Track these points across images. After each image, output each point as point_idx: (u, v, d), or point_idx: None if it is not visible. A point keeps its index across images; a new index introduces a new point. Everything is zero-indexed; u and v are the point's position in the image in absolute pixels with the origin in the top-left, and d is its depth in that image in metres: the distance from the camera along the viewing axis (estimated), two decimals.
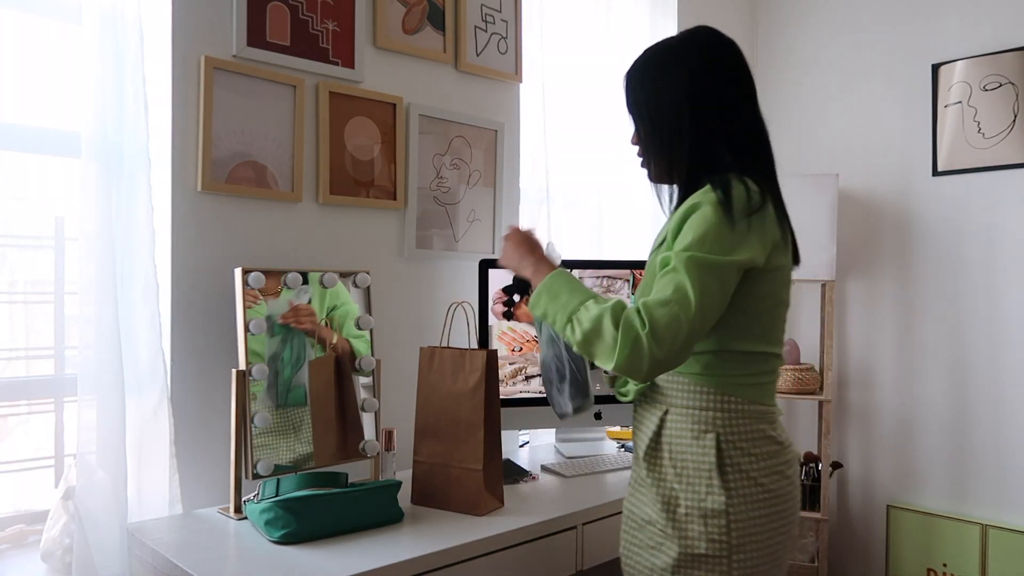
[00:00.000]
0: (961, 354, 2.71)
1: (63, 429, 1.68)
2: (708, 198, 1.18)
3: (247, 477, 1.57)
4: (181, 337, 1.66)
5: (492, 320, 2.03)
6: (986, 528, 2.60)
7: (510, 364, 2.07)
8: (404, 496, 1.65)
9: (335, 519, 1.47)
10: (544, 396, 2.09)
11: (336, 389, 1.73)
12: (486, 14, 2.21)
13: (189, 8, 1.66)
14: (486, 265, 2.03)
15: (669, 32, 2.74)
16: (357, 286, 1.79)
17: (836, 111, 3.03)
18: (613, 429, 2.36)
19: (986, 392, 2.66)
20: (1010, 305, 2.60)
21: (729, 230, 1.15)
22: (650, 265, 1.28)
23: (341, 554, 1.37)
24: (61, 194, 1.69)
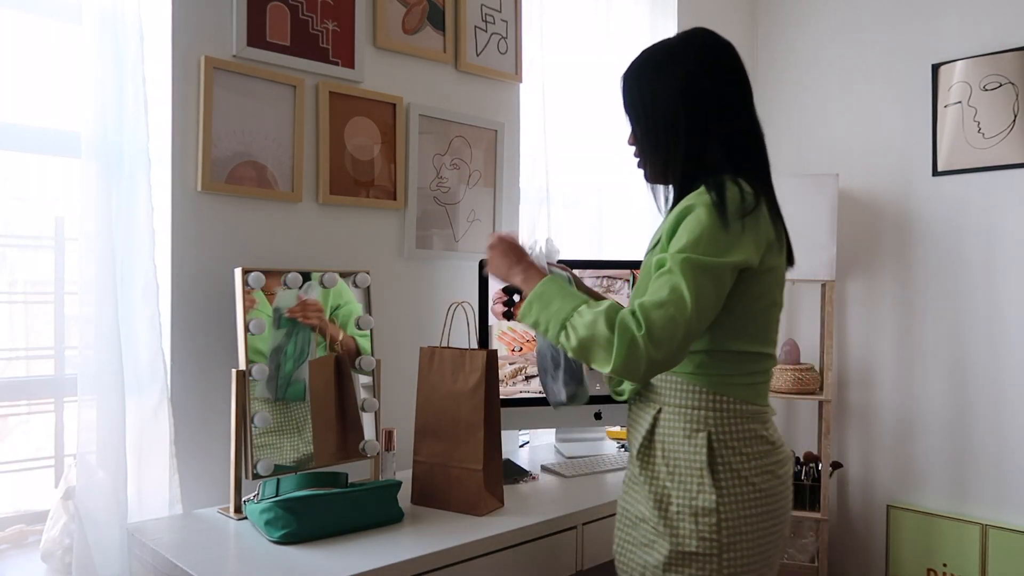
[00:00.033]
0: (961, 354, 2.71)
1: (63, 429, 1.68)
2: (702, 200, 1.19)
3: (247, 477, 1.57)
4: (181, 337, 1.66)
5: (492, 320, 2.03)
6: (986, 528, 2.60)
7: (510, 364, 2.07)
8: (404, 496, 1.65)
9: (335, 519, 1.47)
10: (544, 396, 2.10)
11: (336, 389, 1.73)
12: (486, 14, 2.21)
13: (189, 8, 1.66)
14: (486, 266, 2.03)
15: (669, 32, 2.74)
16: (357, 286, 1.79)
17: (836, 111, 3.03)
18: (613, 429, 2.36)
19: (986, 392, 2.66)
20: (1010, 305, 2.60)
21: (723, 232, 1.16)
22: (645, 266, 1.29)
23: (341, 554, 1.37)
24: (61, 194, 1.69)
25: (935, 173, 2.75)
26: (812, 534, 2.87)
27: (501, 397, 1.95)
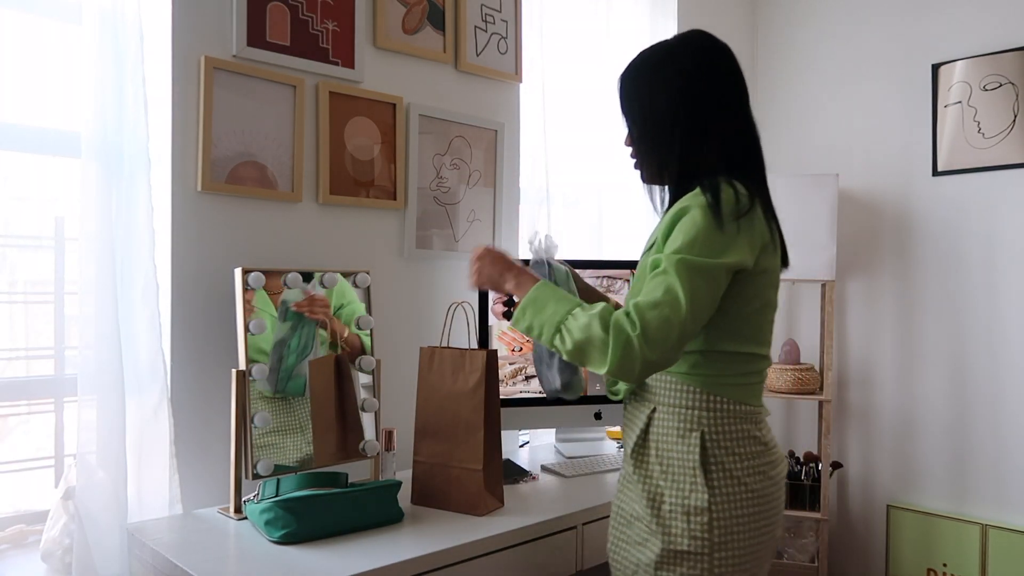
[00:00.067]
0: (961, 354, 2.71)
1: (63, 429, 1.68)
2: (698, 201, 1.19)
3: (247, 477, 1.57)
4: (181, 337, 1.66)
5: (492, 320, 2.03)
6: (986, 528, 2.60)
7: (510, 364, 2.07)
8: (404, 496, 1.65)
9: (335, 519, 1.47)
10: (544, 396, 2.10)
11: (336, 389, 1.73)
12: (486, 14, 2.21)
13: (189, 8, 1.66)
14: None
15: (669, 32, 2.74)
16: (357, 286, 1.79)
17: (836, 111, 3.03)
18: (613, 429, 2.36)
19: (986, 392, 2.66)
20: (1010, 305, 2.60)
21: (718, 233, 1.17)
22: (640, 267, 1.30)
23: (341, 554, 1.37)
24: (61, 194, 1.69)
25: (935, 173, 2.75)
26: (812, 534, 2.87)
27: (501, 397, 1.95)
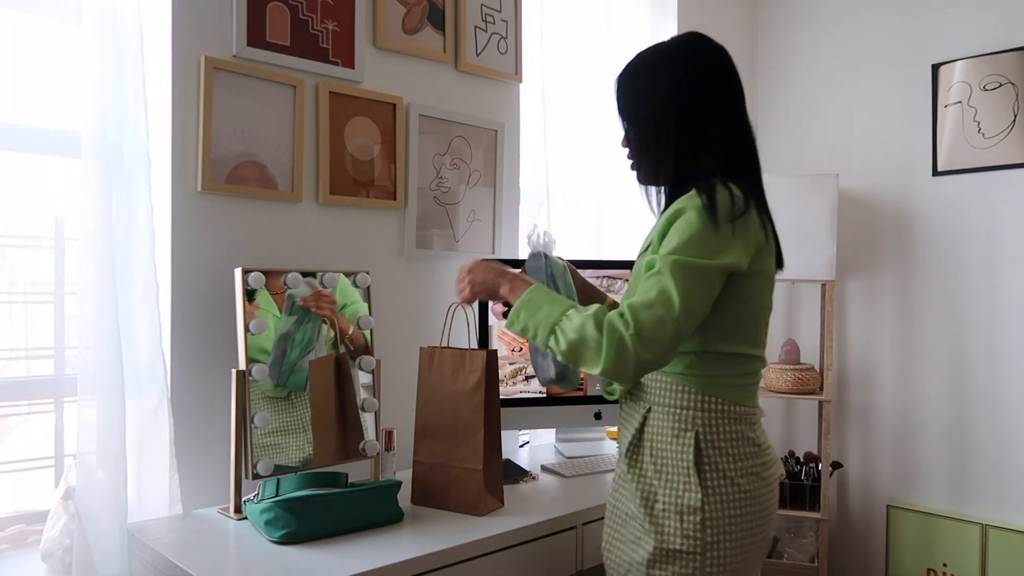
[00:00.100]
0: (961, 354, 2.71)
1: (63, 429, 1.68)
2: (693, 203, 1.20)
3: (247, 477, 1.57)
4: (181, 337, 1.66)
5: (492, 320, 2.03)
6: (986, 528, 2.60)
7: (510, 364, 2.07)
8: (404, 496, 1.65)
9: (335, 519, 1.47)
10: (544, 396, 2.10)
11: (336, 389, 1.73)
12: (486, 14, 2.21)
13: (189, 8, 1.66)
14: None
15: (669, 33, 2.74)
16: (357, 286, 1.79)
17: (836, 111, 3.03)
18: (613, 429, 2.36)
19: (986, 392, 2.66)
20: (1010, 305, 2.60)
21: (713, 234, 1.18)
22: (636, 268, 1.31)
23: (341, 554, 1.37)
24: (61, 194, 1.69)
25: (935, 173, 2.75)
26: (812, 534, 2.87)
27: (501, 397, 1.95)
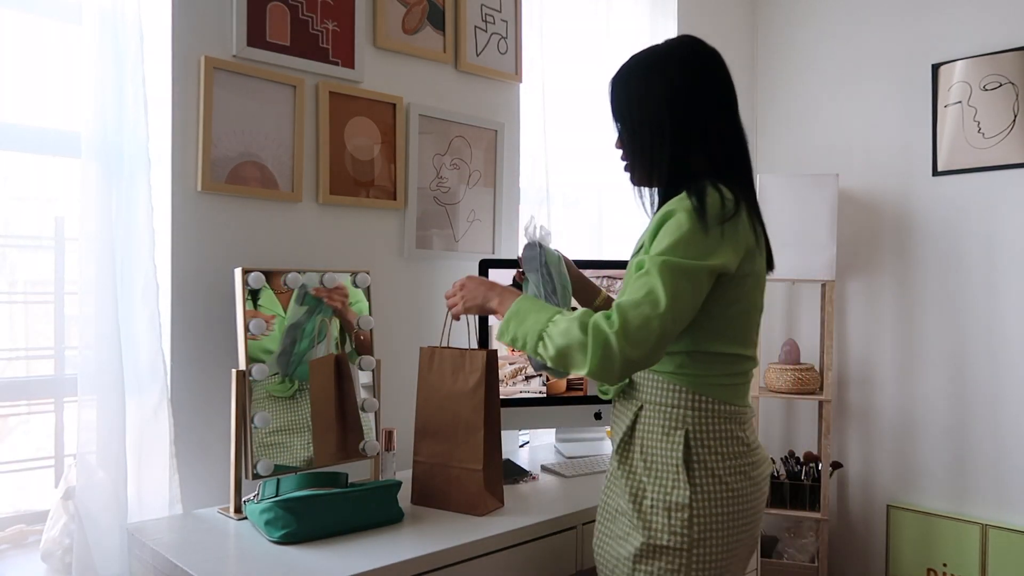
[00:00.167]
0: (961, 354, 2.71)
1: (63, 429, 1.68)
2: (683, 205, 1.22)
3: (247, 477, 1.57)
4: (181, 337, 1.66)
5: (492, 320, 2.03)
6: (986, 528, 2.61)
7: (510, 364, 2.07)
8: (404, 496, 1.65)
9: (335, 519, 1.47)
10: (544, 396, 2.10)
11: (336, 389, 1.73)
12: (486, 14, 2.21)
13: (189, 8, 1.66)
14: (486, 265, 2.03)
15: (669, 33, 2.75)
16: (357, 286, 1.79)
17: (836, 111, 3.03)
18: None
19: (986, 392, 2.66)
20: (1010, 305, 2.60)
21: (702, 236, 1.19)
22: (628, 269, 1.32)
23: (341, 554, 1.37)
24: (61, 194, 1.69)
25: (935, 173, 2.75)
26: (812, 534, 2.87)
27: (501, 397, 1.95)
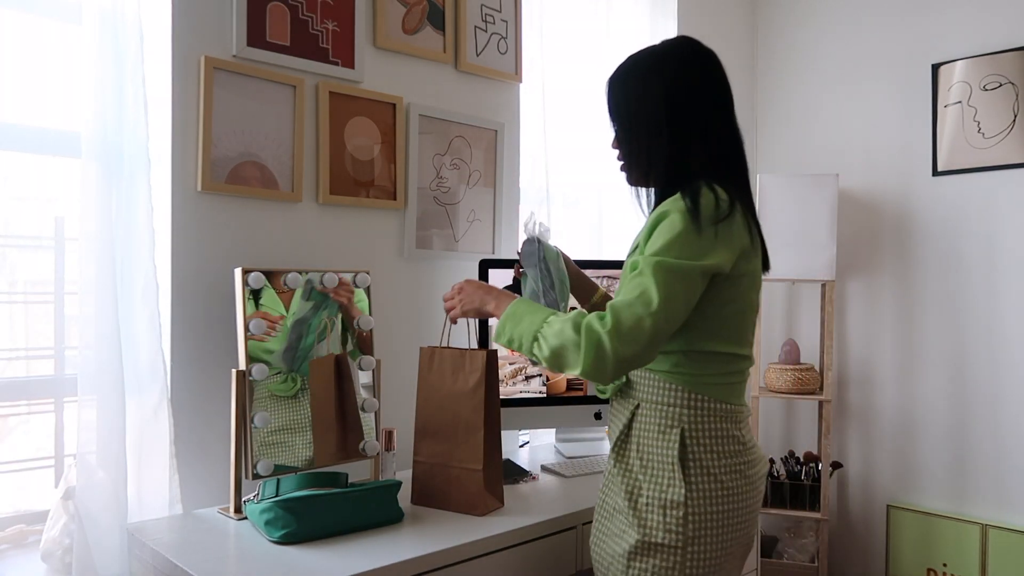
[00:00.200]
0: (961, 354, 2.71)
1: (63, 429, 1.68)
2: (677, 206, 1.23)
3: (247, 477, 1.57)
4: (181, 337, 1.66)
5: (493, 321, 2.03)
6: (986, 528, 2.61)
7: (510, 364, 2.07)
8: (404, 496, 1.65)
9: (335, 519, 1.47)
10: (544, 396, 2.10)
11: (336, 389, 1.73)
12: (486, 14, 2.21)
13: (189, 8, 1.66)
14: (486, 265, 2.03)
15: (669, 32, 2.74)
16: (357, 286, 1.79)
17: (836, 111, 3.03)
18: None
19: (986, 392, 2.66)
20: (1010, 305, 2.60)
21: (696, 237, 1.20)
22: (624, 269, 1.33)
23: (341, 554, 1.37)
24: (61, 194, 1.69)
25: (935, 173, 2.75)
26: (812, 534, 2.87)
27: (501, 397, 1.95)
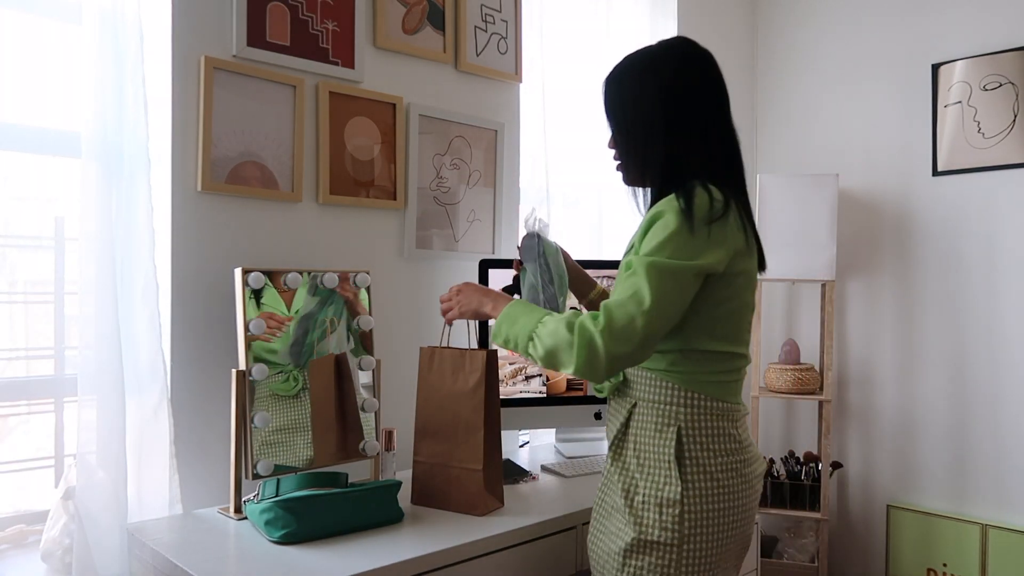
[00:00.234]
0: (961, 354, 2.71)
1: (63, 429, 1.68)
2: (671, 206, 1.23)
3: (247, 477, 1.57)
4: (181, 337, 1.66)
5: (492, 321, 2.03)
6: (986, 528, 2.60)
7: (510, 364, 2.07)
8: (404, 496, 1.65)
9: (335, 519, 1.47)
10: (544, 396, 2.10)
11: (336, 389, 1.73)
12: (486, 14, 2.21)
13: (189, 8, 1.66)
14: (486, 265, 2.03)
15: (669, 32, 2.75)
16: (357, 286, 1.79)
17: (836, 111, 3.03)
18: None
19: (986, 392, 2.66)
20: (1010, 305, 2.60)
21: (689, 237, 1.21)
22: (619, 270, 1.33)
23: (341, 554, 1.37)
24: (61, 194, 1.69)
25: (935, 173, 2.75)
26: (812, 534, 2.87)
27: (501, 397, 1.96)
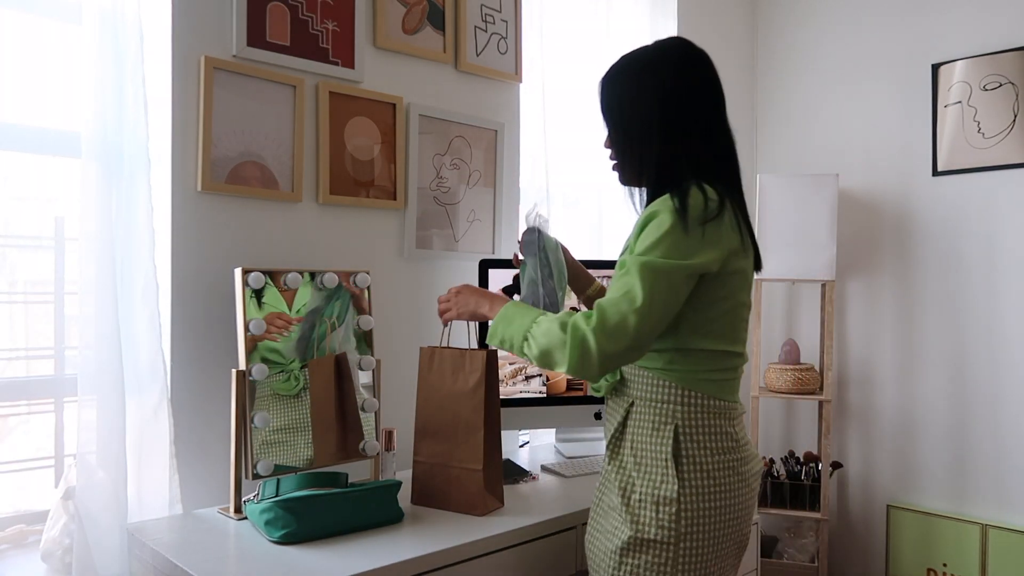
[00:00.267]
0: (961, 354, 2.71)
1: (63, 429, 1.68)
2: (666, 206, 1.24)
3: (247, 477, 1.57)
4: (181, 337, 1.66)
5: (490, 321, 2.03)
6: (986, 528, 2.60)
7: (510, 364, 2.07)
8: (404, 496, 1.65)
9: (335, 519, 1.47)
10: (544, 396, 2.10)
11: (336, 389, 1.73)
12: (486, 14, 2.21)
13: (189, 8, 1.66)
14: (486, 265, 2.03)
15: (669, 32, 2.74)
16: (357, 286, 1.79)
17: (836, 111, 3.03)
18: None
19: (986, 392, 2.66)
20: (1010, 305, 2.60)
21: (683, 237, 1.21)
22: (616, 269, 1.33)
23: (341, 554, 1.37)
24: (61, 194, 1.69)
25: (935, 173, 2.75)
26: (812, 534, 2.87)
27: (501, 397, 1.95)
